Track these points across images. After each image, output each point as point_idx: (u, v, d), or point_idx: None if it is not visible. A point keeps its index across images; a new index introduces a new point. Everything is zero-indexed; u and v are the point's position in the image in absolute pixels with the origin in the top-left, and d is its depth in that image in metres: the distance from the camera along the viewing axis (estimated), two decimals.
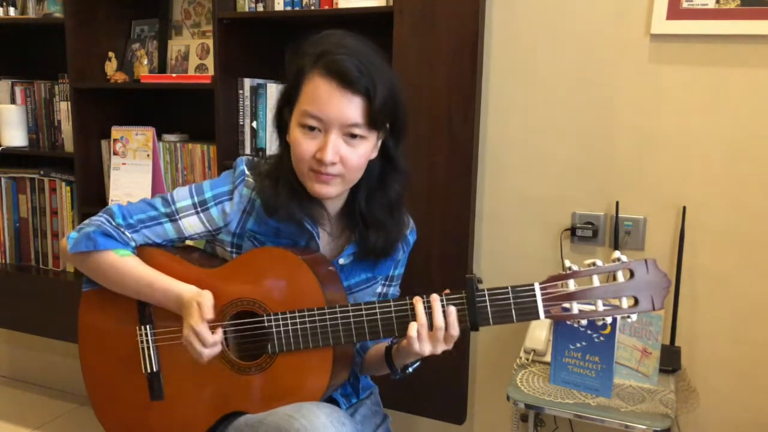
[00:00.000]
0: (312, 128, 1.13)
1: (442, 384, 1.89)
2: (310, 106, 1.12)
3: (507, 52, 1.86)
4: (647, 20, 1.71)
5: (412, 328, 1.12)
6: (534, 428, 1.78)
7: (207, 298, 1.17)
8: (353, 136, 1.14)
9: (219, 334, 1.17)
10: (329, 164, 1.13)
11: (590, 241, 1.84)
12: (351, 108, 1.12)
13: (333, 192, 1.18)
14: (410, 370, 1.26)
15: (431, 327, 1.12)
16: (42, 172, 2.30)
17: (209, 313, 1.16)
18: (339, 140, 1.14)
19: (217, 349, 1.18)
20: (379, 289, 1.39)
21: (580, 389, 1.55)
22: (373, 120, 1.14)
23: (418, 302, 1.13)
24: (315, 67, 1.12)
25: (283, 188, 1.20)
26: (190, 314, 1.16)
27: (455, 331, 1.12)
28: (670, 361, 1.66)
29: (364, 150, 1.17)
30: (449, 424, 1.97)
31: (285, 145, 1.22)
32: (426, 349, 1.12)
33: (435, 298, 1.12)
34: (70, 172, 2.24)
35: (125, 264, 1.22)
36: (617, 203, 1.78)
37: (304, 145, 1.14)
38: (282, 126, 1.22)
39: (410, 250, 1.40)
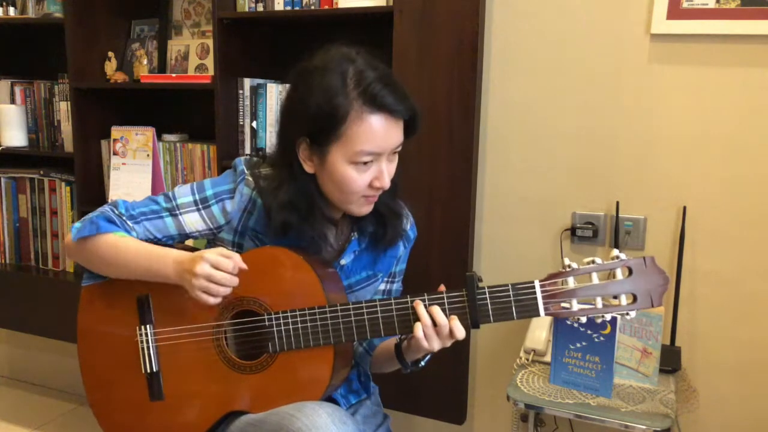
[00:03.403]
0: (366, 162, 1.15)
1: (442, 384, 1.89)
2: (367, 146, 1.13)
3: (507, 52, 1.86)
4: (647, 20, 1.71)
5: (418, 329, 1.13)
6: (534, 428, 1.78)
7: (220, 249, 1.16)
8: (394, 152, 1.20)
9: (238, 257, 1.14)
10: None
11: (590, 241, 1.84)
12: (400, 132, 1.18)
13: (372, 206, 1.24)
14: (422, 363, 1.26)
15: (435, 324, 1.13)
16: (42, 172, 2.30)
17: (240, 262, 1.14)
18: (388, 162, 1.19)
19: (236, 280, 1.14)
20: (382, 287, 1.39)
21: (580, 389, 1.55)
22: (412, 132, 1.21)
23: (419, 305, 1.14)
24: (362, 106, 1.11)
25: (318, 219, 1.21)
26: (200, 254, 1.12)
27: (460, 334, 1.13)
28: (670, 361, 1.66)
29: (397, 159, 1.22)
30: (449, 424, 1.97)
31: (303, 173, 1.20)
32: (435, 345, 1.14)
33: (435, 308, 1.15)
34: (70, 172, 2.24)
35: (125, 241, 1.21)
36: (617, 203, 1.78)
37: (359, 180, 1.16)
38: (293, 155, 1.19)
39: (411, 246, 1.41)
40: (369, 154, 1.14)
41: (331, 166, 1.16)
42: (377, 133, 1.13)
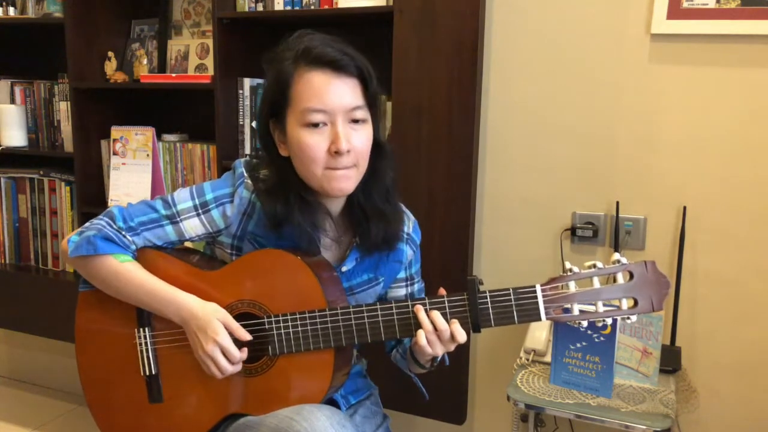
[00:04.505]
0: (317, 124, 1.13)
1: (442, 384, 1.89)
2: (310, 102, 1.12)
3: (507, 52, 1.86)
4: (647, 20, 1.71)
5: (421, 337, 1.13)
6: (534, 428, 1.78)
7: (230, 318, 1.18)
8: (356, 121, 1.15)
9: (245, 351, 1.18)
10: (345, 153, 1.13)
11: (590, 241, 1.84)
12: (349, 91, 1.14)
13: (351, 186, 1.18)
14: (438, 360, 1.26)
15: (436, 329, 1.13)
16: (42, 172, 2.30)
17: (246, 334, 1.17)
18: (347, 127, 1.14)
19: (239, 366, 1.18)
20: (403, 291, 1.39)
21: (581, 389, 1.55)
22: (372, 98, 1.16)
23: (420, 311, 1.14)
24: (301, 64, 1.13)
25: (295, 203, 1.18)
26: (214, 330, 1.15)
27: (462, 338, 1.14)
28: (671, 361, 1.66)
29: (368, 134, 1.18)
30: (449, 424, 1.97)
31: (279, 158, 1.20)
32: (438, 350, 1.15)
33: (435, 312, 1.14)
34: (70, 172, 2.24)
35: (126, 271, 1.21)
36: (617, 203, 1.78)
37: (314, 144, 1.13)
38: (269, 141, 1.21)
39: (418, 247, 1.40)
40: (315, 111, 1.12)
41: (290, 138, 1.15)
42: (320, 89, 1.11)
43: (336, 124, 1.13)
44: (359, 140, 1.15)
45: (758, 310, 1.71)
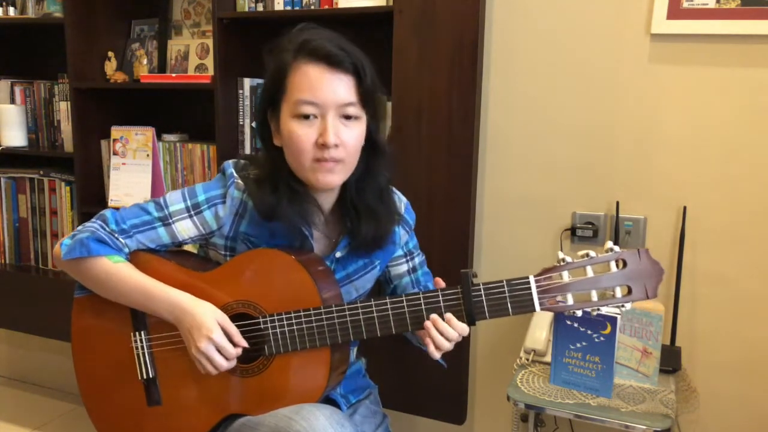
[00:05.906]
0: (307, 116, 1.14)
1: (442, 384, 1.89)
2: (302, 94, 1.13)
3: (507, 52, 1.86)
4: (647, 20, 1.71)
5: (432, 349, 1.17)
6: (534, 428, 1.78)
7: (228, 321, 1.18)
8: (348, 117, 1.16)
9: (240, 348, 1.18)
10: (332, 146, 1.14)
11: (590, 241, 1.84)
12: (343, 87, 1.14)
13: (338, 180, 1.19)
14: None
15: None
16: (42, 172, 2.30)
17: (242, 340, 1.18)
18: (337, 122, 1.15)
19: (234, 362, 1.18)
20: (404, 267, 1.40)
21: (581, 389, 1.55)
22: (366, 96, 1.17)
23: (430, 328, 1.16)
24: (298, 56, 1.15)
25: (284, 193, 1.19)
26: (209, 328, 1.15)
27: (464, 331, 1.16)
28: (671, 361, 1.65)
29: (359, 131, 1.18)
30: (449, 424, 1.97)
31: (273, 149, 1.22)
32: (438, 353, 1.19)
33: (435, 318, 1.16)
34: (70, 172, 2.24)
35: (118, 271, 1.20)
36: (617, 203, 1.78)
37: (303, 136, 1.14)
38: (266, 131, 1.22)
39: (412, 227, 1.41)
40: (307, 103, 1.13)
41: (282, 128, 1.17)
42: (313, 81, 1.13)
43: (326, 118, 1.14)
44: (349, 136, 1.16)
45: (758, 310, 1.71)
